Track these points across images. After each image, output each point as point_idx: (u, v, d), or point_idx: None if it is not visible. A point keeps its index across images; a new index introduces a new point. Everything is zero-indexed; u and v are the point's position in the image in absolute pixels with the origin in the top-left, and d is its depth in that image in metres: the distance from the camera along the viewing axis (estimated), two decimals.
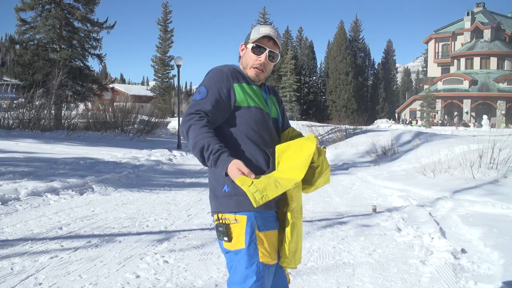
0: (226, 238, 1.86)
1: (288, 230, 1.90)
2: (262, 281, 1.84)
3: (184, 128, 1.84)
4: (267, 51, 1.98)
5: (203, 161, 1.77)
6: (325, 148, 2.04)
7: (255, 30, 2.00)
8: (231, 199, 1.87)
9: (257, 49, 1.98)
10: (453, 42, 52.87)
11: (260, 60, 1.97)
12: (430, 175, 8.73)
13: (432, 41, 55.06)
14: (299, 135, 2.10)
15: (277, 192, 1.73)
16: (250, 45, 1.99)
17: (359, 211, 6.35)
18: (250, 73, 1.99)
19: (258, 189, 1.66)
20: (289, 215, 1.91)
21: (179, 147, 16.77)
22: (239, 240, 1.85)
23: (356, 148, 16.50)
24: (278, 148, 1.95)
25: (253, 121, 1.92)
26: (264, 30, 1.98)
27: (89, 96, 22.98)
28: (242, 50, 2.06)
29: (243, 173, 1.68)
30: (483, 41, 48.39)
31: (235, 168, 1.68)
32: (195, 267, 3.75)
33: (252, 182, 1.67)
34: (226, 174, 1.72)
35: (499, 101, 45.59)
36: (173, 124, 29.24)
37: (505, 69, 47.69)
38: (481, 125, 39.58)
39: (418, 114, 51.23)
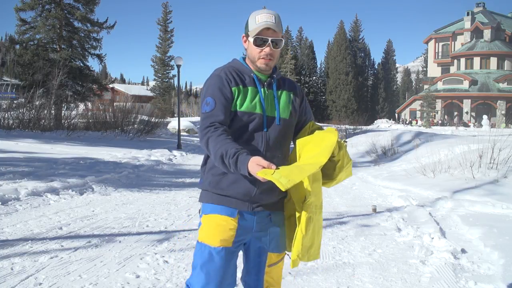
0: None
1: (303, 225, 1.86)
2: (203, 262, 1.90)
3: (203, 143, 1.85)
4: (269, 41, 1.93)
5: (227, 168, 1.77)
6: (346, 142, 2.02)
7: (252, 20, 1.95)
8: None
9: (259, 41, 1.93)
10: (453, 42, 52.88)
11: (265, 51, 1.94)
12: (430, 175, 8.73)
13: (432, 41, 55.07)
14: (320, 128, 2.07)
15: (301, 175, 1.71)
16: (251, 39, 1.95)
17: (359, 211, 6.35)
18: (260, 64, 1.96)
19: (282, 175, 1.65)
20: (305, 209, 1.87)
21: (179, 147, 16.77)
22: None
23: (356, 148, 16.50)
24: (299, 142, 1.94)
25: (238, 125, 1.92)
26: (260, 19, 1.92)
27: (89, 96, 22.96)
28: (245, 42, 2.02)
29: (263, 167, 1.66)
30: (483, 41, 48.40)
31: (255, 164, 1.67)
32: None
33: (274, 171, 1.66)
34: (250, 174, 1.70)
35: (499, 101, 45.60)
36: (173, 124, 29.20)
37: (505, 69, 47.71)
38: (481, 125, 39.59)
39: (418, 114, 51.23)
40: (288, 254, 2.07)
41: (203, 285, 1.89)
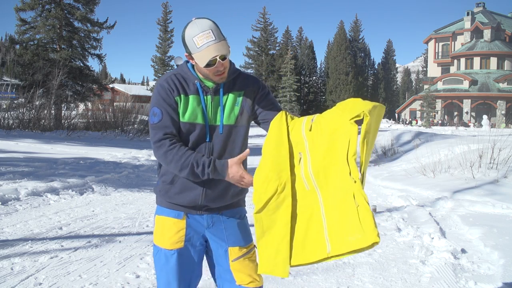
0: None
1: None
2: (161, 265, 1.95)
3: (159, 156, 1.86)
4: (218, 59, 1.79)
5: (196, 177, 1.83)
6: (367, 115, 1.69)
7: (191, 43, 1.79)
8: None
9: (208, 63, 1.80)
10: (453, 42, 52.89)
11: (216, 68, 1.82)
12: (430, 175, 8.73)
13: (432, 41, 55.08)
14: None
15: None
16: (197, 61, 1.81)
17: None
18: (216, 80, 1.88)
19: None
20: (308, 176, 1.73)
21: None
22: None
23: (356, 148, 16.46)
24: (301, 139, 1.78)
25: (181, 135, 1.90)
26: (200, 41, 1.77)
27: (89, 96, 23.01)
28: (191, 60, 1.88)
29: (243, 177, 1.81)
30: (483, 41, 48.42)
31: (235, 171, 1.82)
32: None
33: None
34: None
35: (499, 101, 45.61)
36: None
37: (505, 69, 47.73)
38: (481, 125, 39.60)
39: (418, 114, 51.24)
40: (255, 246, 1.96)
41: (165, 286, 1.95)
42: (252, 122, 2.06)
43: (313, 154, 1.74)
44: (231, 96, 1.93)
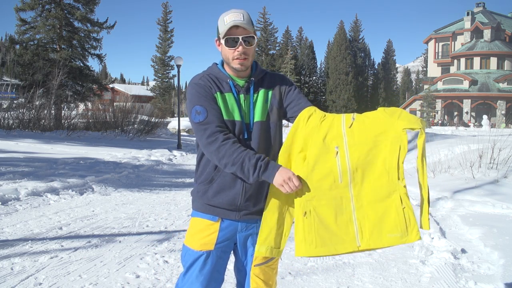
0: None
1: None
2: (188, 265, 1.95)
3: (210, 151, 1.84)
4: (240, 40, 1.86)
5: (244, 175, 1.81)
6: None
7: (221, 22, 1.88)
8: None
9: (230, 42, 1.87)
10: (453, 42, 52.89)
11: (238, 51, 1.87)
12: (430, 175, 8.72)
13: (432, 41, 55.08)
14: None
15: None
16: (222, 41, 1.89)
17: None
18: (235, 65, 1.91)
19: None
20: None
21: (179, 147, 16.78)
22: None
23: None
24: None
25: None
26: (228, 19, 1.85)
27: (89, 96, 22.97)
28: (218, 46, 1.95)
29: (291, 180, 1.74)
30: (483, 41, 48.40)
31: (281, 180, 1.75)
32: None
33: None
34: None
35: (499, 101, 45.60)
36: (173, 124, 29.21)
37: (505, 69, 47.71)
38: (481, 125, 39.58)
39: (418, 114, 51.19)
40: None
41: (189, 287, 1.95)
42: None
43: (353, 151, 1.79)
44: (261, 94, 1.97)
